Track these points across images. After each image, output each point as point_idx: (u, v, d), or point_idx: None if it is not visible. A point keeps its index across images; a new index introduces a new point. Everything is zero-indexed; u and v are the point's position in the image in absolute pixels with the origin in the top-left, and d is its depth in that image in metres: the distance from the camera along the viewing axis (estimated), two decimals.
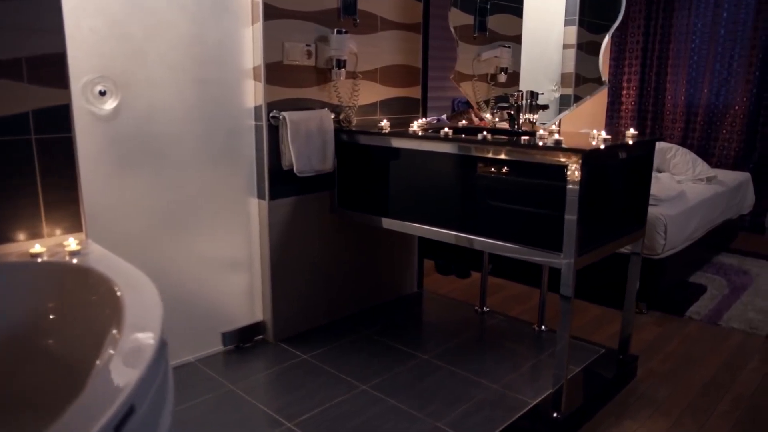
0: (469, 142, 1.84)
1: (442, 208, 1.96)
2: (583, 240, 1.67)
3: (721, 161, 4.38)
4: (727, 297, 2.99)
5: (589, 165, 1.61)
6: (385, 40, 2.44)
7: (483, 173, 1.83)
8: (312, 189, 2.28)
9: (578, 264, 1.66)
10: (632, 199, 1.94)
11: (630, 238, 1.96)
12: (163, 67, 1.88)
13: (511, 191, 1.77)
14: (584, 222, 1.65)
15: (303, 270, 2.32)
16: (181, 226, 2.03)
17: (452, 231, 1.93)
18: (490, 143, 1.77)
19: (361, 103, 2.38)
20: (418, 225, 2.03)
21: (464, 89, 2.68)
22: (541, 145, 1.66)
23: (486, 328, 2.43)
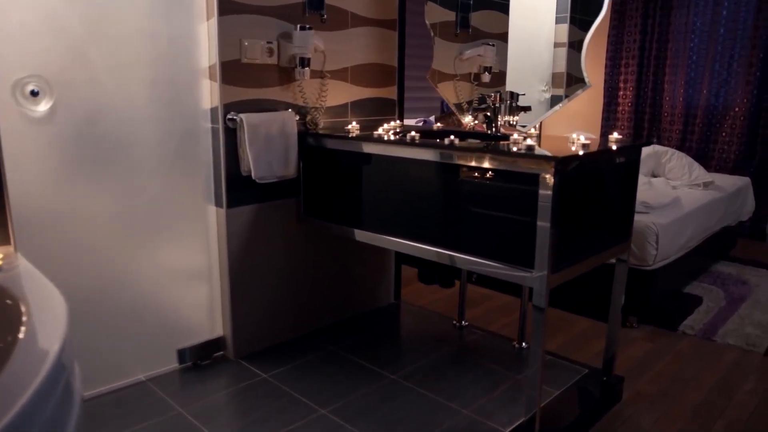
0: (433, 147, 1.69)
1: (410, 219, 1.82)
2: (558, 255, 1.52)
3: (721, 165, 4.22)
4: (724, 309, 2.83)
5: (564, 173, 1.46)
6: (357, 37, 2.29)
7: (450, 181, 1.68)
8: (275, 196, 2.13)
9: (552, 282, 1.51)
10: (616, 209, 1.79)
11: (614, 251, 1.81)
12: (107, 65, 1.74)
13: (480, 201, 1.62)
14: (559, 236, 1.50)
15: (266, 282, 2.17)
16: (133, 235, 1.89)
17: (419, 243, 1.78)
18: (455, 149, 1.63)
19: (329, 105, 2.24)
20: (386, 237, 1.88)
21: (443, 90, 2.53)
22: (511, 151, 1.51)
23: (463, 345, 2.28)
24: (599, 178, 1.66)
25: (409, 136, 1.76)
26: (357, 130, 2.04)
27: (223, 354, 2.16)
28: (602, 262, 1.77)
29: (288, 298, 2.26)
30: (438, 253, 1.72)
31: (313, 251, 2.30)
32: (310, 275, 2.32)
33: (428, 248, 1.75)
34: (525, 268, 1.52)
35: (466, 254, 1.66)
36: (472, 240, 1.65)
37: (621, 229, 1.83)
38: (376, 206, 1.92)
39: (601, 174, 1.66)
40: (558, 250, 1.51)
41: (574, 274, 1.63)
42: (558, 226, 1.48)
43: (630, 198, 1.83)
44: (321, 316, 2.40)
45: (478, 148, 1.59)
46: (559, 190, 1.44)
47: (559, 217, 1.48)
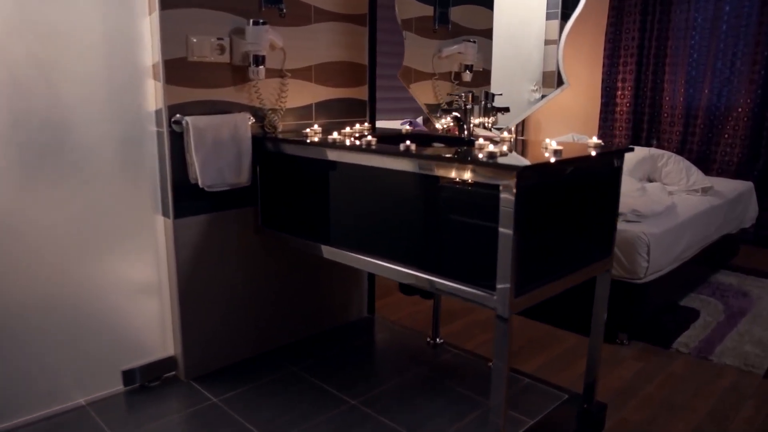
0: (380, 153, 1.52)
1: (366, 232, 1.65)
2: (524, 275, 1.35)
3: (723, 168, 4.02)
4: (722, 325, 2.64)
5: (528, 184, 1.29)
6: (322, 33, 2.13)
7: (406, 192, 1.52)
8: (230, 205, 1.98)
9: (516, 307, 1.34)
10: (595, 222, 1.61)
11: (593, 268, 1.63)
12: (30, 64, 1.59)
13: (438, 215, 1.45)
14: (524, 254, 1.33)
15: (220, 297, 2.02)
16: (71, 247, 1.73)
17: (376, 258, 1.61)
18: (406, 155, 1.46)
19: (291, 106, 2.08)
20: (344, 252, 1.72)
21: (417, 90, 2.36)
22: (467, 160, 1.34)
23: (435, 365, 2.11)
24: (573, 188, 1.49)
25: (364, 140, 1.60)
26: (318, 134, 1.88)
27: (174, 374, 2.00)
28: (580, 281, 1.60)
29: (246, 314, 2.10)
30: (395, 270, 1.56)
31: (274, 263, 2.14)
32: (272, 289, 2.16)
33: (384, 264, 1.59)
34: (486, 290, 1.35)
35: (424, 272, 1.49)
36: (431, 257, 1.48)
37: (601, 244, 1.66)
38: (330, 217, 1.75)
39: (574, 183, 1.49)
40: (523, 270, 1.34)
41: (545, 296, 1.46)
42: (522, 243, 1.31)
43: (612, 209, 1.66)
44: (284, 332, 2.24)
45: (431, 155, 1.42)
46: (521, 203, 1.27)
47: (524, 234, 1.31)
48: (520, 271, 1.32)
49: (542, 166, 1.31)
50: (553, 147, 1.44)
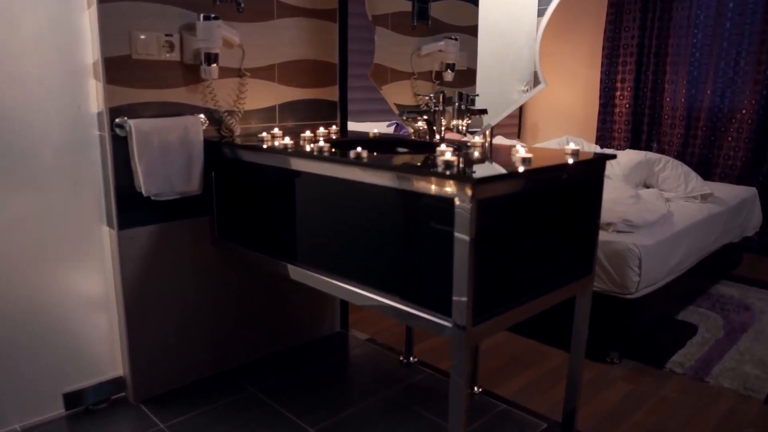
0: (328, 160, 1.37)
1: (322, 248, 1.50)
2: (486, 301, 1.20)
3: (726, 173, 3.84)
4: (721, 342, 2.47)
5: (487, 198, 1.13)
6: (285, 29, 1.98)
7: (358, 204, 1.37)
8: (184, 214, 1.83)
9: (476, 336, 1.19)
10: (573, 238, 1.46)
11: (570, 288, 1.48)
12: None
13: (392, 231, 1.30)
14: (485, 277, 1.17)
15: (174, 313, 1.87)
16: (7, 260, 1.60)
17: (330, 277, 1.46)
18: (354, 163, 1.30)
19: (250, 108, 1.93)
20: (298, 268, 1.57)
21: (393, 90, 2.21)
22: (417, 170, 1.19)
23: (405, 387, 1.96)
24: (545, 200, 1.33)
25: (316, 146, 1.45)
26: (278, 138, 1.73)
27: (124, 396, 1.86)
28: (555, 303, 1.44)
29: (202, 330, 1.95)
30: (342, 288, 1.41)
31: (233, 276, 2.00)
32: (231, 303, 2.01)
33: (337, 283, 1.44)
34: (441, 316, 1.20)
35: (374, 291, 1.34)
36: (383, 277, 1.33)
37: (581, 261, 1.50)
38: (283, 229, 1.61)
39: (547, 194, 1.33)
40: (485, 293, 1.19)
41: (513, 321, 1.31)
42: (483, 263, 1.16)
43: (592, 222, 1.50)
44: (245, 350, 2.09)
45: (379, 164, 1.27)
46: (480, 218, 1.12)
47: (484, 252, 1.16)
48: (480, 294, 1.17)
49: (503, 177, 1.16)
50: (521, 155, 1.29)
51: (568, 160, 1.37)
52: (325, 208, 1.46)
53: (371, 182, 1.29)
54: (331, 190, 1.43)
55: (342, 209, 1.42)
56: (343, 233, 1.42)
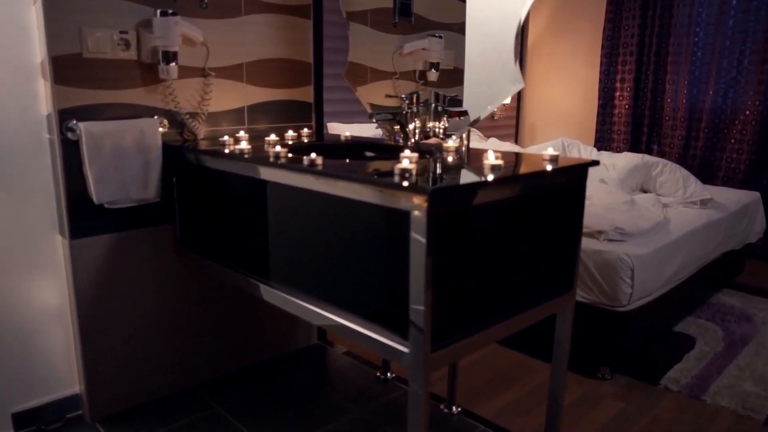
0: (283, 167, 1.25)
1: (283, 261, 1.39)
2: (447, 324, 1.08)
3: (729, 176, 3.70)
4: (720, 356, 2.34)
5: (446, 212, 1.02)
6: (254, 26, 1.88)
7: (317, 215, 1.25)
8: (144, 222, 1.73)
9: (436, 362, 1.07)
10: (551, 251, 1.34)
11: (550, 306, 1.36)
12: None
13: (348, 245, 1.19)
14: (446, 298, 1.06)
15: (133, 326, 1.77)
16: None
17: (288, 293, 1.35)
18: (308, 171, 1.19)
19: (216, 109, 1.82)
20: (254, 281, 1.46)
21: (367, 91, 2.10)
22: (368, 179, 1.07)
23: (380, 406, 1.85)
24: (515, 213, 1.22)
25: (272, 151, 1.33)
26: (243, 140, 1.63)
27: (80, 415, 1.76)
28: (533, 322, 1.33)
29: (165, 344, 1.85)
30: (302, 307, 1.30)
31: (199, 286, 1.89)
32: (196, 316, 1.91)
33: (293, 300, 1.33)
34: (400, 340, 1.09)
35: (334, 311, 1.23)
36: (341, 296, 1.22)
37: (561, 276, 1.38)
38: (241, 239, 1.50)
39: (517, 206, 1.22)
40: (446, 316, 1.08)
41: (480, 346, 1.19)
42: (442, 283, 1.04)
43: (572, 234, 1.38)
44: (214, 364, 1.98)
45: (330, 172, 1.15)
46: (437, 234, 1.01)
47: (443, 271, 1.04)
48: (442, 316, 1.06)
49: (465, 187, 1.04)
50: (490, 161, 1.17)
51: (547, 167, 1.25)
52: (281, 218, 1.35)
53: (324, 191, 1.18)
54: (285, 199, 1.32)
55: (297, 219, 1.31)
56: (298, 245, 1.31)
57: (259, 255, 1.44)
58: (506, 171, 1.16)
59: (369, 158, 1.65)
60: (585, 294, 2.13)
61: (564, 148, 3.33)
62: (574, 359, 2.24)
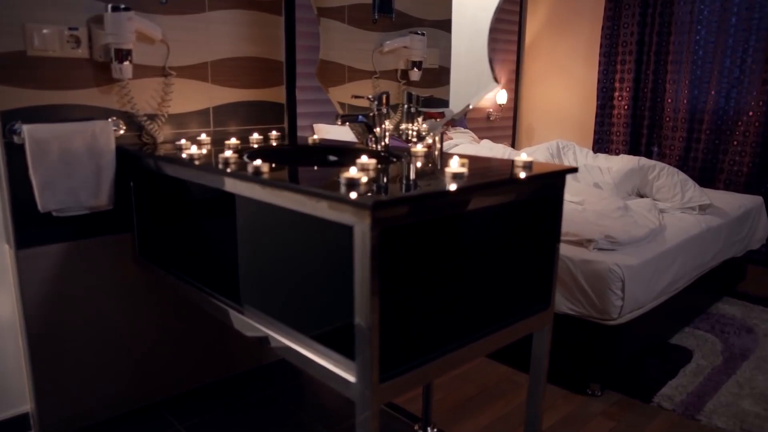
0: (230, 176, 1.15)
1: (231, 276, 1.29)
2: (400, 350, 0.97)
3: (731, 180, 3.56)
4: (718, 371, 2.22)
5: (396, 227, 0.91)
6: (220, 23, 1.77)
7: (263, 227, 1.15)
8: (99, 230, 1.63)
9: (385, 394, 0.96)
10: (524, 267, 1.23)
11: (524, 326, 1.25)
12: None
13: (300, 263, 1.08)
14: (398, 321, 0.95)
15: (89, 340, 1.67)
16: None
17: (231, 306, 1.25)
18: (252, 180, 1.09)
19: (177, 111, 1.72)
20: (206, 295, 1.36)
21: (345, 91, 2.00)
22: (308, 190, 0.96)
23: (349, 426, 1.74)
24: (480, 225, 1.11)
25: (221, 157, 1.23)
26: (204, 145, 1.53)
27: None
28: (505, 344, 1.22)
29: (124, 359, 1.75)
30: (249, 324, 1.19)
31: (161, 297, 1.79)
32: (159, 328, 1.80)
33: (241, 317, 1.22)
34: (346, 369, 0.98)
35: (281, 333, 1.12)
36: (288, 317, 1.11)
37: (535, 294, 1.27)
38: (192, 249, 1.40)
39: (483, 218, 1.10)
40: (399, 342, 0.97)
41: (441, 372, 1.08)
42: (392, 305, 0.94)
43: (549, 247, 1.27)
44: (177, 380, 1.88)
45: (273, 182, 1.04)
46: (386, 251, 0.90)
47: (394, 292, 0.94)
48: (393, 342, 0.95)
49: (416, 199, 0.93)
50: (452, 169, 1.06)
51: (519, 175, 1.14)
52: (233, 229, 1.25)
53: (270, 202, 1.07)
54: (242, 210, 1.21)
55: (249, 231, 1.20)
56: (250, 259, 1.21)
57: (213, 268, 1.34)
58: (470, 180, 1.05)
59: (332, 164, 1.54)
60: (573, 306, 2.01)
61: (559, 150, 3.20)
62: (562, 374, 2.14)
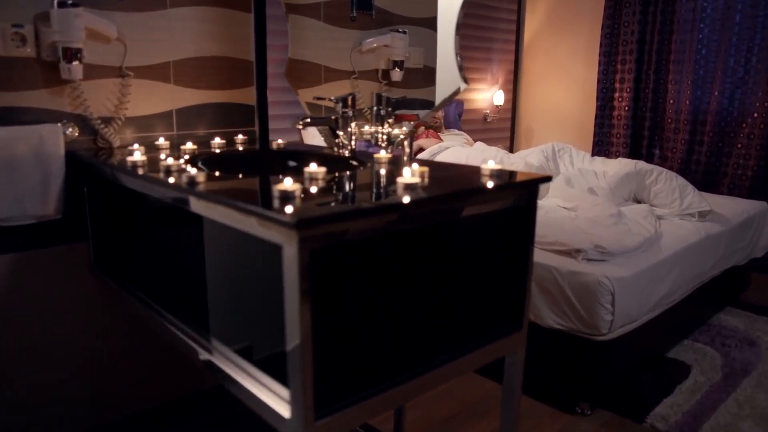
0: (160, 184, 1.05)
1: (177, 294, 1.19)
2: (341, 383, 0.87)
3: (735, 184, 3.43)
4: (717, 388, 2.09)
5: (331, 246, 0.81)
6: (183, 20, 1.68)
7: (202, 241, 1.05)
8: (51, 240, 1.53)
9: (324, 431, 0.86)
10: (490, 286, 1.12)
11: (492, 350, 1.14)
12: None
13: (236, 286, 0.98)
14: (337, 350, 0.85)
15: (38, 359, 1.57)
16: None
17: (179, 329, 1.15)
18: (187, 191, 0.99)
19: (136, 114, 1.62)
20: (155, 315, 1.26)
21: (310, 95, 1.89)
22: (236, 205, 0.86)
23: None
24: (438, 241, 1.00)
25: (162, 165, 1.13)
26: (162, 150, 1.43)
27: None
28: (471, 370, 1.11)
29: (78, 378, 1.64)
30: (188, 346, 1.09)
31: (120, 312, 1.69)
32: (118, 342, 1.70)
33: (182, 337, 1.12)
34: (280, 403, 0.88)
35: (221, 359, 1.02)
36: (227, 340, 1.01)
37: (505, 315, 1.16)
38: (139, 262, 1.30)
39: (442, 234, 1.00)
40: (340, 374, 0.86)
41: (393, 405, 0.98)
42: (332, 332, 0.83)
43: (521, 263, 1.16)
44: (140, 396, 1.78)
45: (203, 194, 0.94)
46: (320, 272, 0.79)
47: (335, 318, 0.83)
48: (332, 374, 0.84)
49: (349, 215, 0.83)
50: (405, 180, 0.95)
51: (486, 184, 1.03)
52: (176, 242, 1.15)
53: (206, 216, 0.97)
54: (178, 220, 1.12)
55: (191, 245, 1.11)
56: (191, 275, 1.11)
57: (159, 283, 1.24)
58: (423, 192, 0.94)
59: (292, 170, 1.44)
60: (560, 320, 1.90)
61: (555, 153, 3.09)
62: (549, 391, 2.03)
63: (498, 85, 4.43)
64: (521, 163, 2.80)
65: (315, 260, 0.79)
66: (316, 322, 0.81)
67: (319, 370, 0.83)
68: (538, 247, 2.02)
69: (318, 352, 0.82)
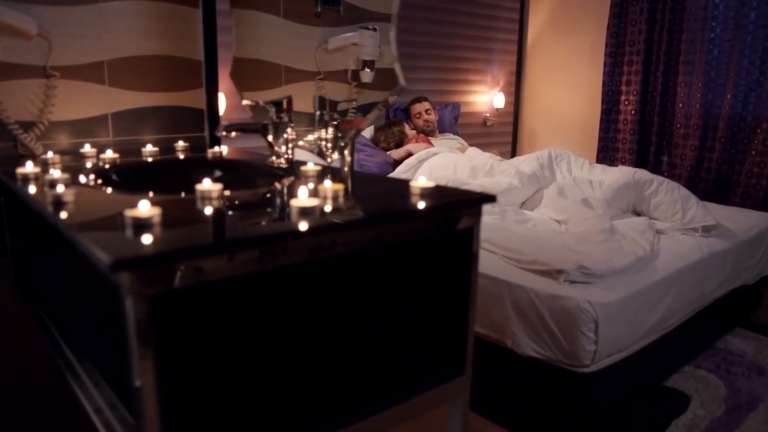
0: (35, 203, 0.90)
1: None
2: None
3: (748, 194, 3.19)
4: (718, 424, 1.88)
5: (182, 290, 0.64)
6: (118, 15, 1.53)
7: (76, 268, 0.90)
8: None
9: None
10: (423, 327, 0.94)
11: (427, 399, 0.96)
12: None
13: (85, 313, 0.83)
14: (212, 417, 0.69)
15: None
16: None
17: None
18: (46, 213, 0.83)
19: (64, 118, 1.48)
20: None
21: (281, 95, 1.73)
22: (73, 236, 0.70)
23: None
24: (348, 275, 0.83)
25: (47, 178, 0.98)
26: (88, 157, 1.28)
27: None
28: (400, 424, 0.94)
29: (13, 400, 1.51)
30: None
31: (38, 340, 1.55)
32: (43, 367, 1.57)
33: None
34: None
35: None
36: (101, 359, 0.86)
37: (444, 359, 0.98)
38: (40, 287, 1.15)
39: (352, 266, 0.83)
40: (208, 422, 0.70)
41: None
42: (200, 397, 0.67)
43: (460, 299, 0.98)
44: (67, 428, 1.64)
45: (55, 218, 0.79)
46: (171, 321, 0.63)
47: (207, 378, 0.67)
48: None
49: (209, 249, 0.66)
50: (299, 203, 0.78)
51: (414, 206, 0.86)
52: (63, 266, 1.00)
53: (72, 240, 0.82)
54: (60, 241, 0.96)
55: (69, 270, 0.95)
56: (65, 301, 0.96)
57: (48, 308, 1.09)
58: (322, 218, 0.77)
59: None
60: (539, 348, 1.71)
61: (551, 160, 2.88)
62: (528, 427, 1.84)
63: (499, 87, 4.24)
64: (512, 171, 2.61)
65: (163, 306, 0.63)
66: (164, 383, 0.64)
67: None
68: (516, 265, 1.84)
69: (169, 417, 0.66)
